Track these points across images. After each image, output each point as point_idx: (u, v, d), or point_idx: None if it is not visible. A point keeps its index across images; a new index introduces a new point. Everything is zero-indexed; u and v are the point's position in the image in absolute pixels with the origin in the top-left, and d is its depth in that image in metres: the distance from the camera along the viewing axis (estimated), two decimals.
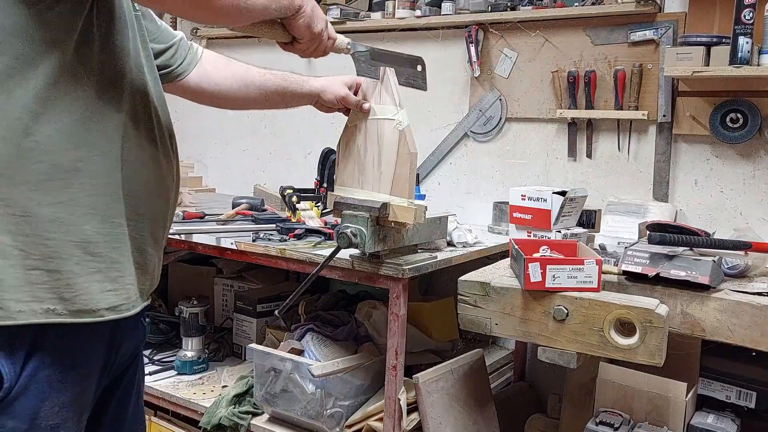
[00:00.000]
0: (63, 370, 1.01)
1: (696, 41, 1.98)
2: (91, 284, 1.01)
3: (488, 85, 2.53)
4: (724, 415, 1.69)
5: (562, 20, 2.34)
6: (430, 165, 2.67)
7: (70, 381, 1.02)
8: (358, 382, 1.89)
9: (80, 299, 1.00)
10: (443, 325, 2.31)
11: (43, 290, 0.97)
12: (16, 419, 0.97)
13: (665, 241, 1.51)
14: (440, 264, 1.77)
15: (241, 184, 3.23)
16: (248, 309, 2.40)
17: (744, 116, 2.06)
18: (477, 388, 1.94)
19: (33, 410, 0.98)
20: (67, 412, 1.02)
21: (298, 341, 1.95)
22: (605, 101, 2.31)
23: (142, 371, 1.30)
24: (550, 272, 1.43)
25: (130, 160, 1.06)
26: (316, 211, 2.23)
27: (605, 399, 1.76)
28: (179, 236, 2.07)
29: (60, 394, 1.01)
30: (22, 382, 0.97)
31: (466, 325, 1.57)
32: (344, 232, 1.56)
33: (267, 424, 1.95)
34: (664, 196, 2.24)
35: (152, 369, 2.31)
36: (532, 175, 2.48)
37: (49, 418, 1.00)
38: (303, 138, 3.03)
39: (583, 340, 1.41)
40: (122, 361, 1.17)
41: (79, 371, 1.04)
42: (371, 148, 1.58)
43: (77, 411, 1.05)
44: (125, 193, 1.05)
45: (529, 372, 2.50)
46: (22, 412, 0.98)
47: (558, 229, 1.84)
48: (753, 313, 1.38)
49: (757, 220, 2.11)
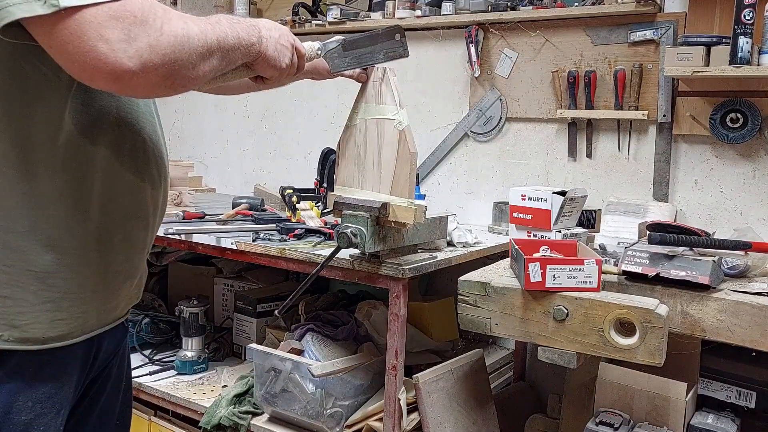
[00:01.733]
0: (38, 367, 1.02)
1: (696, 41, 1.98)
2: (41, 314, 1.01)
3: (488, 85, 2.53)
4: (724, 415, 1.69)
5: (562, 20, 2.35)
6: (430, 165, 2.67)
7: (46, 377, 1.03)
8: (358, 382, 1.89)
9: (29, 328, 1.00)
10: (443, 325, 2.31)
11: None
12: None
13: (665, 241, 1.51)
14: (440, 264, 1.77)
15: (241, 184, 3.23)
16: (248, 309, 2.40)
17: (744, 116, 2.06)
18: (477, 388, 1.94)
19: (6, 405, 0.99)
20: (41, 407, 1.03)
21: (298, 341, 1.95)
22: (605, 101, 2.31)
23: (128, 365, 1.30)
24: (550, 272, 1.43)
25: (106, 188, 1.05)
26: (316, 211, 2.23)
27: (605, 399, 1.76)
28: (179, 236, 2.07)
29: (34, 390, 1.02)
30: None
31: (466, 325, 1.57)
32: (344, 232, 1.56)
33: (267, 424, 1.95)
34: (664, 196, 2.24)
35: (152, 369, 2.31)
36: (532, 175, 2.48)
37: (22, 412, 1.00)
38: (303, 138, 3.03)
39: (583, 340, 1.41)
40: (104, 358, 1.17)
41: (56, 367, 1.04)
42: (371, 148, 1.58)
43: (53, 407, 1.05)
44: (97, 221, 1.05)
45: (529, 372, 2.50)
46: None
47: (558, 229, 1.84)
48: (753, 313, 1.38)
49: (757, 220, 2.11)
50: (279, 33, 1.13)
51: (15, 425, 1.00)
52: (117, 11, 0.82)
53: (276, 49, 1.11)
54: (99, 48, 0.82)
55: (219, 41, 0.96)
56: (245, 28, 1.04)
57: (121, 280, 1.13)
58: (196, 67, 0.92)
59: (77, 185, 1.01)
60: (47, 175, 0.97)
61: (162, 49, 0.86)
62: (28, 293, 0.99)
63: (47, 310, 1.01)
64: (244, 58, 1.06)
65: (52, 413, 1.05)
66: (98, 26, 0.81)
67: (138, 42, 0.84)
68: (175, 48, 0.88)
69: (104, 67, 0.83)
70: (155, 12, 0.86)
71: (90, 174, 1.02)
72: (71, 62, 0.84)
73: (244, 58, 1.06)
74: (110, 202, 1.06)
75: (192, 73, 0.92)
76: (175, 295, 2.69)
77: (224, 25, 0.99)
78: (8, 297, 0.98)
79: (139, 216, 1.13)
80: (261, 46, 1.07)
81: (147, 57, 0.84)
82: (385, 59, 1.51)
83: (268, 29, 1.10)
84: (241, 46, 1.02)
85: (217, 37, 0.96)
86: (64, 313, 1.03)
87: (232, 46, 0.99)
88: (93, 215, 1.04)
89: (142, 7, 0.85)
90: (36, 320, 1.00)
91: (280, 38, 1.12)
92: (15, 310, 0.98)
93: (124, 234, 1.10)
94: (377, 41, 1.48)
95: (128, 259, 1.14)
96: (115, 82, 0.85)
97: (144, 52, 0.84)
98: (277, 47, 1.11)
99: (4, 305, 0.98)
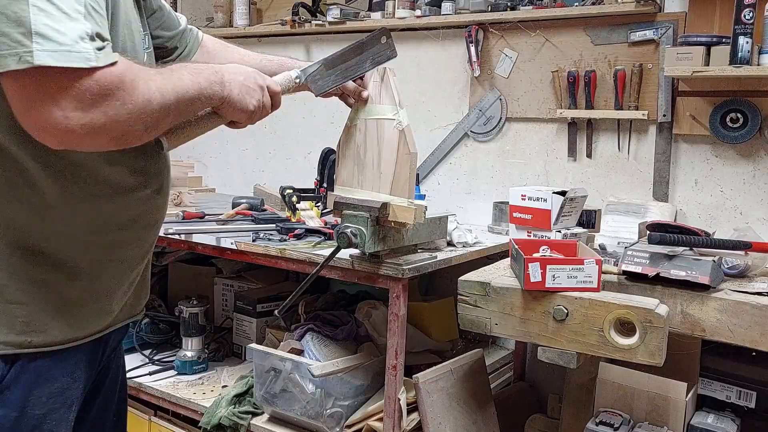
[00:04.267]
0: (51, 363, 1.05)
1: (696, 41, 1.98)
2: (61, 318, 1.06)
3: (488, 85, 2.52)
4: (724, 415, 1.69)
5: (562, 20, 2.34)
6: (430, 165, 2.67)
7: (59, 371, 1.07)
8: (358, 382, 1.89)
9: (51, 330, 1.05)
10: (443, 325, 2.31)
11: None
12: (7, 408, 1.02)
13: (665, 241, 1.51)
14: (440, 264, 1.77)
15: (241, 184, 3.23)
16: (248, 309, 2.40)
17: (744, 116, 2.06)
18: (477, 388, 1.94)
19: (22, 400, 1.03)
20: (54, 402, 1.06)
21: (298, 341, 1.95)
22: (605, 101, 2.30)
23: (123, 362, 1.35)
24: (550, 272, 1.43)
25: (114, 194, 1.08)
26: (316, 211, 2.22)
27: (605, 399, 1.76)
28: (179, 236, 2.07)
29: (48, 385, 1.05)
30: (13, 373, 1.02)
31: (466, 325, 1.57)
32: (344, 232, 1.56)
33: (267, 424, 1.95)
34: (664, 196, 2.24)
35: (152, 369, 2.31)
36: (532, 175, 2.48)
37: (36, 407, 1.04)
38: (303, 138, 3.03)
39: (583, 340, 1.41)
40: (108, 354, 1.22)
41: (68, 363, 1.08)
42: (371, 148, 1.58)
43: (65, 402, 1.08)
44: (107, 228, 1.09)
45: (529, 372, 2.50)
46: (13, 401, 1.02)
47: (558, 229, 1.84)
48: (753, 313, 1.38)
49: (757, 220, 2.11)
50: (244, 76, 1.12)
51: (30, 419, 1.04)
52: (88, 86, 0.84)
53: (241, 92, 1.10)
54: (53, 112, 0.83)
55: (178, 98, 0.97)
56: (207, 77, 1.05)
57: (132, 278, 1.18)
58: (150, 128, 0.94)
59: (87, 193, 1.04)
60: (58, 185, 1.00)
61: (117, 117, 0.87)
62: (47, 300, 1.03)
63: (65, 315, 1.05)
64: (206, 105, 1.07)
65: (64, 408, 1.08)
66: (57, 91, 0.82)
67: (94, 112, 0.85)
68: (131, 115, 0.89)
69: (52, 130, 0.84)
70: (123, 83, 0.87)
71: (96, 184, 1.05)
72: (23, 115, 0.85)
73: (206, 106, 1.07)
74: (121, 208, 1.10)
75: (145, 134, 0.94)
76: (175, 295, 2.69)
77: (186, 78, 1.00)
78: (26, 304, 1.02)
79: (146, 219, 1.17)
80: (224, 91, 1.07)
81: (99, 124, 0.86)
82: (372, 65, 1.49)
83: (232, 73, 1.10)
84: (203, 96, 1.03)
85: (176, 94, 0.97)
86: (83, 315, 1.08)
87: (191, 98, 1.00)
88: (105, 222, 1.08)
89: (112, 82, 0.86)
90: (56, 324, 1.05)
91: (245, 80, 1.12)
92: (37, 316, 1.03)
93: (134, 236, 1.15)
94: (363, 50, 1.45)
95: (141, 256, 1.18)
96: (62, 143, 0.87)
97: (97, 119, 0.85)
98: (242, 90, 1.10)
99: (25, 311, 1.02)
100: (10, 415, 1.02)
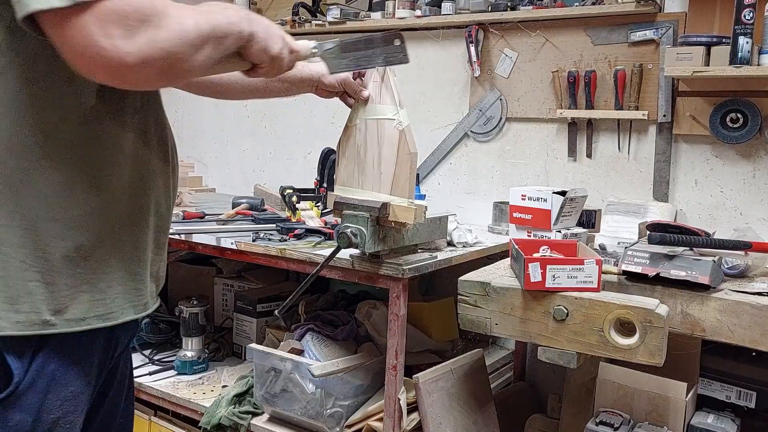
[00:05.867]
0: (66, 366, 1.05)
1: (696, 41, 1.98)
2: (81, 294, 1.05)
3: (488, 85, 2.53)
4: (724, 415, 1.69)
5: (562, 20, 2.34)
6: (430, 165, 2.67)
7: (72, 376, 1.06)
8: (358, 382, 1.89)
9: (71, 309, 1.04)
10: (443, 325, 2.31)
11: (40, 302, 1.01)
12: (24, 412, 1.02)
13: (665, 241, 1.51)
14: (440, 264, 1.77)
15: (241, 184, 3.23)
16: (248, 309, 2.40)
17: (744, 116, 2.06)
18: (477, 388, 1.94)
19: (38, 404, 1.03)
20: (68, 405, 1.07)
21: (298, 341, 1.95)
22: (605, 101, 2.31)
23: (130, 362, 1.33)
24: (550, 272, 1.43)
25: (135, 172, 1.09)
26: (316, 211, 2.23)
27: (605, 399, 1.76)
28: (179, 236, 2.07)
29: (62, 389, 1.05)
30: (29, 377, 1.02)
31: (466, 325, 1.57)
32: (344, 232, 1.56)
33: (267, 424, 1.95)
34: (664, 196, 2.24)
35: (152, 369, 2.31)
36: (532, 175, 2.48)
37: (51, 411, 1.04)
38: (303, 138, 3.03)
39: (583, 340, 1.41)
40: (117, 355, 1.20)
41: (81, 366, 1.08)
42: (371, 148, 1.58)
43: (78, 405, 1.09)
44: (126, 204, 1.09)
45: (529, 372, 2.50)
46: (29, 405, 1.02)
47: (558, 229, 1.84)
48: (753, 313, 1.38)
49: (757, 220, 2.11)
50: (268, 22, 1.15)
51: (44, 423, 1.04)
52: (121, 8, 0.85)
53: (266, 33, 1.12)
54: (102, 43, 0.85)
55: (212, 30, 0.98)
56: (235, 12, 1.06)
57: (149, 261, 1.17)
58: (191, 58, 0.95)
59: (108, 169, 1.04)
60: (77, 160, 1.01)
61: (160, 44, 0.89)
62: (67, 277, 1.02)
63: (85, 291, 1.05)
64: (237, 42, 1.07)
65: (76, 413, 1.09)
66: (103, 22, 0.84)
67: (138, 38, 0.87)
68: (172, 43, 0.91)
69: (106, 62, 0.86)
70: (155, 8, 0.89)
71: (120, 158, 1.06)
72: (75, 55, 0.87)
73: (236, 42, 1.07)
74: (139, 185, 1.10)
75: (187, 65, 0.95)
76: (175, 295, 2.69)
77: (215, 12, 1.01)
78: (50, 283, 1.01)
79: (162, 200, 1.17)
80: (251, 27, 1.08)
81: (146, 53, 0.88)
82: (384, 63, 1.49)
83: (258, 16, 1.12)
84: (233, 31, 1.04)
85: (210, 26, 0.98)
86: (101, 294, 1.07)
87: (224, 32, 1.01)
88: (123, 198, 1.08)
89: (143, 4, 0.88)
90: (77, 301, 1.04)
91: (270, 26, 1.15)
92: (60, 294, 1.02)
93: (151, 215, 1.14)
94: (375, 45, 1.45)
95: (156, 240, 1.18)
96: (115, 76, 0.89)
97: (143, 47, 0.87)
98: (269, 31, 1.13)
99: (48, 291, 1.01)
100: (26, 419, 1.02)
